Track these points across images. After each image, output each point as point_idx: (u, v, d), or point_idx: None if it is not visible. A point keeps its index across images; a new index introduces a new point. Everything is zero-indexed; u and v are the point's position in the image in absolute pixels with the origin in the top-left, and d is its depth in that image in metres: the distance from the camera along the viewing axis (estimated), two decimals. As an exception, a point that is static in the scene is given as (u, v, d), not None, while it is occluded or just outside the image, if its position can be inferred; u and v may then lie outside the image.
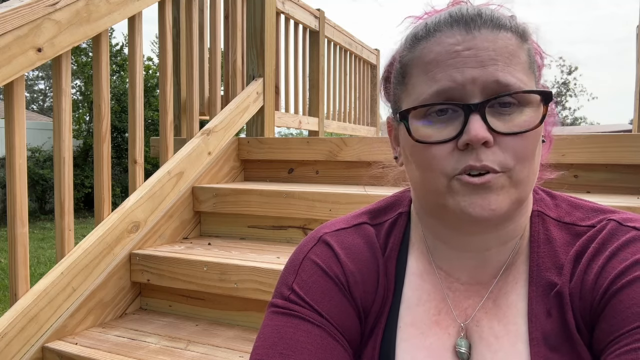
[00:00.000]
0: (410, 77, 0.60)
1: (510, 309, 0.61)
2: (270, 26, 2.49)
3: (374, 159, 0.78)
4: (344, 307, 0.63)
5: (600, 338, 0.55)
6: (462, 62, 0.55)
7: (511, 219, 0.60)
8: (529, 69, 0.58)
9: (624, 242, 0.57)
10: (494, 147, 0.54)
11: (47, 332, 1.46)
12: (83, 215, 8.57)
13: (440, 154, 0.55)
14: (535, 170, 0.58)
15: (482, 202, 0.54)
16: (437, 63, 0.56)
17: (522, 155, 0.55)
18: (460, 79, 0.55)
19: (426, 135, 0.56)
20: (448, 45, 0.56)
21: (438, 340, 0.62)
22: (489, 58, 0.55)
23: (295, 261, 0.67)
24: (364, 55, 4.63)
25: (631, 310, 0.53)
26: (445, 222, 0.61)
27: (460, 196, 0.55)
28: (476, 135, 0.53)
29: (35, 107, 26.56)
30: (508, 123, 0.55)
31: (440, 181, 0.56)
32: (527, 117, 0.55)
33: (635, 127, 3.34)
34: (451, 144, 0.55)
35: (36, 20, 1.41)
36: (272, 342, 0.61)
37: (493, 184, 0.54)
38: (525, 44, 0.58)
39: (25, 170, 1.44)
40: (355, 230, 0.68)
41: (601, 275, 0.56)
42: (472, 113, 0.54)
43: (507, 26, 0.57)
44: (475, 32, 0.56)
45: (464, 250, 0.63)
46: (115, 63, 10.48)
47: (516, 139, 0.55)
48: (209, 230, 2.05)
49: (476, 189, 0.54)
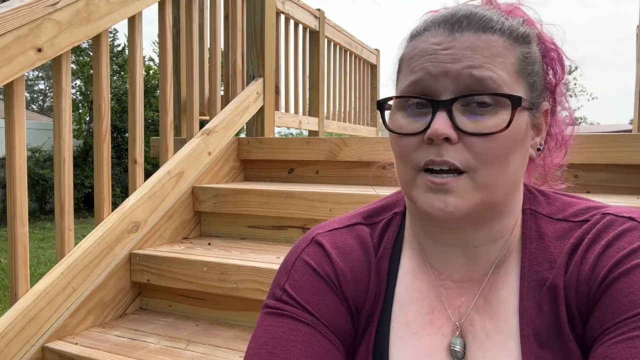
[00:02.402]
0: (400, 71, 0.62)
1: (502, 305, 0.61)
2: (270, 26, 2.49)
3: (374, 159, 0.79)
4: (336, 306, 0.64)
5: (595, 327, 0.55)
6: (437, 58, 0.56)
7: (491, 219, 0.60)
8: (515, 72, 0.57)
9: (620, 232, 0.57)
10: (459, 145, 0.55)
11: (47, 332, 1.46)
12: (83, 215, 8.57)
13: (410, 146, 0.57)
14: (511, 175, 0.57)
15: (439, 202, 0.55)
16: (418, 58, 0.58)
17: (488, 158, 0.55)
18: (434, 71, 0.56)
19: (400, 126, 0.58)
20: (430, 44, 0.58)
21: (432, 340, 0.62)
22: (466, 56, 0.56)
23: (288, 262, 0.67)
24: (364, 55, 4.63)
25: (627, 299, 0.52)
26: (421, 215, 0.63)
27: (422, 192, 0.57)
28: (436, 130, 0.54)
29: (35, 107, 26.56)
30: (476, 123, 0.55)
31: (410, 173, 0.58)
32: (499, 119, 0.55)
33: (635, 127, 3.34)
34: (419, 137, 0.57)
35: (36, 20, 1.41)
36: (263, 342, 0.61)
37: (452, 187, 0.55)
38: (519, 47, 0.58)
39: (25, 170, 1.44)
40: (348, 231, 0.69)
41: (597, 265, 0.56)
42: (440, 109, 0.55)
43: (495, 29, 0.57)
44: (456, 34, 0.57)
45: (452, 247, 0.63)
46: (116, 64, 10.48)
47: (483, 141, 0.55)
48: (209, 230, 2.05)
49: (435, 189, 0.55)
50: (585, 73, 30.98)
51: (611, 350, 0.51)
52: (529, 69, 0.59)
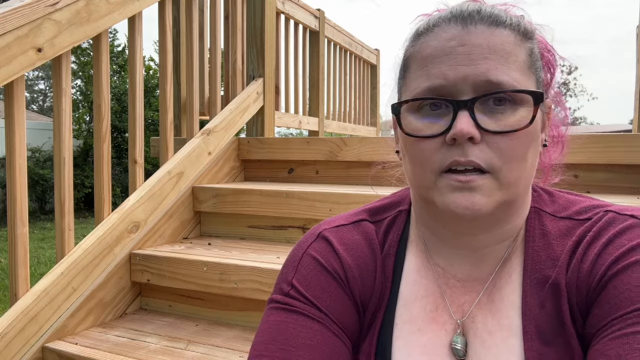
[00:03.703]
0: (409, 72, 0.61)
1: (504, 302, 0.61)
2: (270, 26, 2.49)
3: (374, 159, 0.79)
4: (343, 301, 0.64)
5: (593, 323, 0.55)
6: (455, 59, 0.55)
7: (503, 220, 0.60)
8: (527, 69, 0.58)
9: (620, 229, 0.57)
10: (482, 144, 0.54)
11: (47, 332, 1.46)
12: (83, 215, 8.57)
13: (429, 149, 0.56)
14: (528, 172, 0.58)
15: (465, 201, 0.55)
16: (432, 59, 0.57)
17: (510, 156, 0.55)
18: (452, 77, 0.55)
19: (417, 129, 0.57)
20: (444, 40, 0.57)
21: (435, 337, 0.62)
22: (482, 56, 0.55)
23: (294, 257, 0.67)
24: (364, 55, 4.63)
25: (625, 295, 0.53)
26: (437, 219, 0.62)
27: (446, 193, 0.56)
28: (461, 130, 0.53)
29: (35, 107, 26.57)
30: (498, 122, 0.55)
31: (428, 177, 0.57)
32: (519, 117, 0.55)
33: (635, 127, 3.34)
34: (440, 139, 0.56)
35: (36, 20, 1.41)
36: (271, 337, 0.61)
37: (478, 185, 0.54)
38: (526, 43, 0.58)
39: (25, 170, 1.44)
40: (354, 227, 0.69)
41: (597, 262, 0.56)
42: (461, 109, 0.55)
43: (506, 23, 0.57)
44: (471, 27, 0.56)
45: (460, 248, 0.63)
46: (116, 63, 10.48)
47: (505, 138, 0.54)
48: (209, 230, 2.05)
49: (461, 188, 0.55)
50: (585, 73, 30.90)
51: (606, 347, 0.51)
52: (536, 64, 0.59)
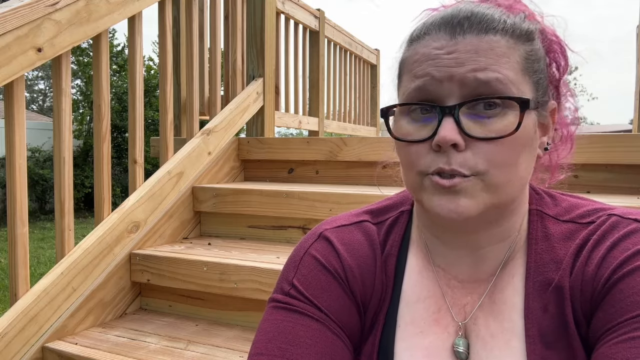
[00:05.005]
0: (401, 76, 0.61)
1: (506, 304, 0.61)
2: (270, 26, 2.49)
3: (374, 159, 0.79)
4: (344, 301, 0.64)
5: (598, 327, 0.54)
6: (441, 62, 0.56)
7: (497, 221, 0.60)
8: (521, 72, 0.56)
9: (625, 233, 0.57)
10: (467, 150, 0.54)
11: (47, 332, 1.46)
12: (83, 215, 8.56)
13: (417, 152, 0.56)
14: (521, 175, 0.57)
15: (449, 204, 0.55)
16: (420, 63, 0.57)
17: (496, 161, 0.54)
18: (438, 75, 0.55)
19: (406, 132, 0.58)
20: (432, 49, 0.57)
21: (437, 340, 0.62)
22: (470, 58, 0.55)
23: (296, 257, 0.67)
24: (364, 55, 4.63)
25: (632, 299, 0.52)
26: (432, 219, 0.63)
27: (431, 195, 0.56)
28: (444, 137, 0.53)
29: (35, 107, 26.57)
30: (484, 127, 0.54)
31: (416, 179, 0.57)
32: (507, 122, 0.54)
33: (635, 127, 3.34)
34: (427, 144, 0.56)
35: (36, 20, 1.41)
36: (271, 336, 0.61)
37: (462, 187, 0.54)
38: (523, 45, 0.57)
39: (25, 170, 1.44)
40: (355, 227, 0.69)
41: (602, 265, 0.56)
42: (446, 115, 0.54)
43: (497, 29, 0.56)
44: (459, 38, 0.56)
45: (459, 248, 0.63)
46: (116, 63, 10.47)
47: (490, 145, 0.54)
48: (209, 230, 2.05)
49: (445, 191, 0.55)
50: (585, 73, 30.93)
51: (612, 350, 0.51)
52: (534, 66, 0.58)
